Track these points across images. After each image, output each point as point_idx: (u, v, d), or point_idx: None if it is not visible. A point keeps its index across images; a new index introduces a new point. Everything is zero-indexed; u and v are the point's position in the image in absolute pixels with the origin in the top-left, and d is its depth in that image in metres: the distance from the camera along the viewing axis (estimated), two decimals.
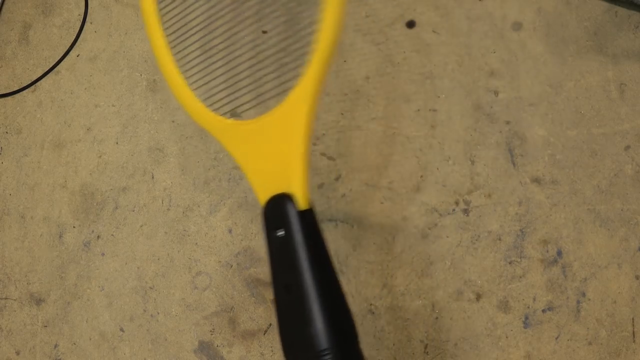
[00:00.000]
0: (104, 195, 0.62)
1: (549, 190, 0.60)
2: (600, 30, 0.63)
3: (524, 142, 0.61)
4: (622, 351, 0.57)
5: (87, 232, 0.61)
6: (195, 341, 0.59)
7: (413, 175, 0.61)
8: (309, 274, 0.39)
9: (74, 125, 0.64)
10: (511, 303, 0.58)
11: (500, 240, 0.60)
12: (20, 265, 0.61)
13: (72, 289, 0.61)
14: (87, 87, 0.64)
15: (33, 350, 0.60)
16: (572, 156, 0.61)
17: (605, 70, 0.62)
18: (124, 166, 0.63)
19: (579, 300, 0.58)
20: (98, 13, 0.66)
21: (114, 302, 0.60)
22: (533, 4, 0.63)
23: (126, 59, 0.65)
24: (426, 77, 0.63)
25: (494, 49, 0.63)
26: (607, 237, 0.59)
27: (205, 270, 0.60)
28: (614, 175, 0.60)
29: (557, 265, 0.59)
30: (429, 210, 0.60)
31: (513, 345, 0.58)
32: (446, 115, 0.62)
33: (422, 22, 0.64)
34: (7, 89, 0.65)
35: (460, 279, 0.59)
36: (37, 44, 0.65)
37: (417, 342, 0.58)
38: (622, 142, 0.61)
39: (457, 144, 0.61)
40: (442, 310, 0.59)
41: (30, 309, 0.60)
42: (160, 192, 0.62)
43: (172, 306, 0.60)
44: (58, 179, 0.63)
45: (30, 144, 0.63)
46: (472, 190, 0.61)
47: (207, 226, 0.61)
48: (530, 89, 0.62)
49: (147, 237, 0.61)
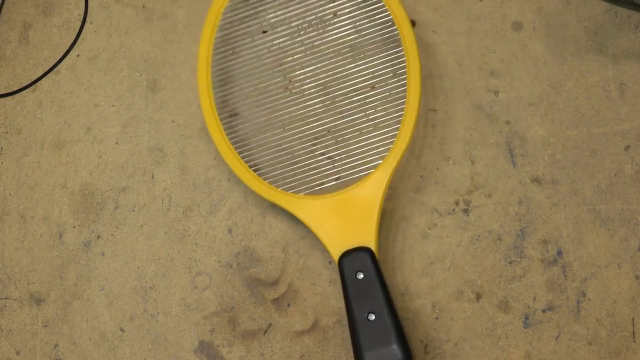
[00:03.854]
0: (104, 195, 0.62)
1: (549, 190, 0.60)
2: (600, 30, 0.63)
3: (524, 142, 0.61)
4: (622, 351, 0.57)
5: (87, 232, 0.61)
6: (195, 341, 0.59)
7: (413, 175, 0.61)
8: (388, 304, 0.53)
9: (74, 125, 0.64)
10: (511, 303, 0.58)
11: (500, 240, 0.60)
12: (20, 265, 0.61)
13: (72, 289, 0.61)
14: (87, 87, 0.64)
15: (33, 350, 0.60)
16: (572, 156, 0.61)
17: (605, 70, 0.62)
18: (124, 166, 0.63)
19: (579, 300, 0.58)
20: (98, 13, 0.66)
21: (114, 302, 0.60)
22: (533, 4, 0.63)
23: (126, 59, 0.65)
24: (426, 77, 0.63)
25: (494, 49, 0.63)
26: (607, 237, 0.59)
27: (205, 270, 0.60)
28: (614, 175, 0.60)
29: (557, 265, 0.59)
30: (429, 210, 0.60)
31: (513, 345, 0.58)
32: (446, 115, 0.62)
33: (422, 22, 0.64)
34: (7, 89, 0.65)
35: (460, 279, 0.59)
36: (37, 44, 0.65)
37: (417, 342, 0.58)
38: (622, 142, 0.61)
39: (457, 144, 0.61)
40: (442, 310, 0.59)
41: (30, 309, 0.60)
42: (160, 192, 0.62)
43: (172, 306, 0.60)
44: (58, 179, 0.63)
45: (30, 144, 0.63)
46: (472, 190, 0.61)
47: (207, 226, 0.61)
48: (530, 89, 0.62)
49: (147, 237, 0.61)
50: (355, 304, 0.53)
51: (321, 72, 0.59)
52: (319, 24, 0.60)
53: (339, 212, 0.56)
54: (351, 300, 0.53)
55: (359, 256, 0.54)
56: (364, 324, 0.53)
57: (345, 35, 0.60)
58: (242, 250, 0.61)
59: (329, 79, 0.59)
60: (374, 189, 0.56)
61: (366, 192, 0.56)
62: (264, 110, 0.60)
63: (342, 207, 0.55)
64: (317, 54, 0.60)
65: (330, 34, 0.60)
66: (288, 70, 0.61)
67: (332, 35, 0.60)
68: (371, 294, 0.53)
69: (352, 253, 0.55)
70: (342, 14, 0.61)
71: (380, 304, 0.53)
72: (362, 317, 0.53)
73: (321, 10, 0.61)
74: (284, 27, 0.61)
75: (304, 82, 0.60)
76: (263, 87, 0.60)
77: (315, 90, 0.60)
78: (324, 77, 0.59)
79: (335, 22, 0.60)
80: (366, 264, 0.54)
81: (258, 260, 0.60)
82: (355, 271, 0.54)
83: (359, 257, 0.54)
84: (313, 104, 0.59)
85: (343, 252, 0.55)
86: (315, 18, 0.60)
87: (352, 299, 0.53)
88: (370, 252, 0.55)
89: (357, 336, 0.53)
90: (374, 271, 0.54)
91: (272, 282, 0.60)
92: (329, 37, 0.60)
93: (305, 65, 0.60)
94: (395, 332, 0.52)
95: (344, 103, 0.59)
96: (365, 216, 0.55)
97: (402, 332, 0.53)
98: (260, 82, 0.61)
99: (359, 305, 0.53)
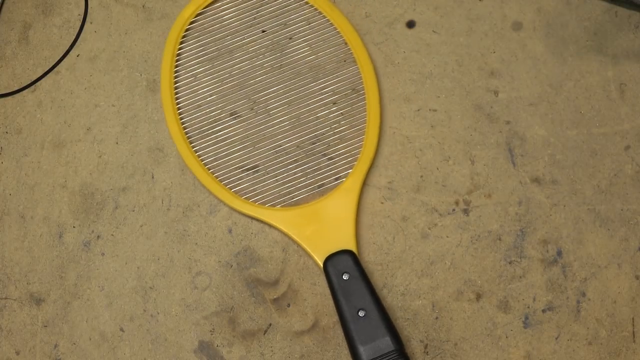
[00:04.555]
0: (103, 195, 0.62)
1: (549, 190, 0.60)
2: (600, 30, 0.63)
3: (524, 142, 0.61)
4: (622, 351, 0.57)
5: (87, 232, 0.61)
6: (195, 341, 0.59)
7: (413, 175, 0.61)
8: (375, 299, 0.56)
9: (74, 125, 0.64)
10: (511, 303, 0.58)
11: (500, 240, 0.60)
12: (20, 265, 0.61)
13: (72, 289, 0.61)
14: (87, 87, 0.64)
15: (33, 350, 0.60)
16: (572, 156, 0.61)
17: (605, 70, 0.62)
18: (124, 166, 0.63)
19: (579, 300, 0.58)
20: (98, 13, 0.66)
21: (114, 302, 0.60)
22: (533, 4, 0.63)
23: (126, 59, 0.65)
24: (426, 77, 0.63)
25: (494, 49, 0.63)
26: (607, 237, 0.59)
27: (205, 270, 0.60)
28: (614, 175, 0.60)
29: (557, 265, 0.59)
30: (429, 210, 0.60)
31: (513, 345, 0.58)
32: (446, 115, 0.62)
33: (422, 22, 0.64)
34: (7, 89, 0.65)
35: (460, 279, 0.59)
36: (37, 44, 0.65)
37: (417, 342, 0.58)
38: (622, 142, 0.61)
39: (457, 144, 0.61)
40: (442, 310, 0.59)
41: (30, 309, 0.60)
42: (160, 192, 0.62)
43: (172, 306, 0.60)
44: (58, 179, 0.63)
45: (30, 144, 0.63)
46: (472, 190, 0.61)
47: (207, 226, 0.61)
48: (530, 89, 0.62)
49: (147, 237, 0.61)
50: (345, 303, 0.56)
51: (284, 92, 0.62)
52: (276, 47, 0.63)
53: (317, 220, 0.59)
54: (340, 300, 0.56)
55: (342, 259, 0.58)
56: (356, 320, 0.56)
57: (303, 57, 0.63)
58: (242, 250, 0.61)
59: (292, 97, 0.62)
60: (348, 195, 0.59)
61: (340, 200, 0.59)
62: (233, 131, 0.62)
63: (319, 215, 0.59)
64: (278, 75, 0.63)
65: (288, 56, 0.63)
66: (251, 92, 0.62)
67: (291, 58, 0.63)
68: (358, 292, 0.56)
69: (335, 257, 0.58)
70: (297, 37, 0.63)
71: (368, 301, 0.56)
72: (353, 315, 0.56)
73: (277, 35, 0.63)
74: (242, 52, 0.63)
75: (269, 102, 0.62)
76: (229, 109, 0.62)
77: (280, 109, 0.62)
78: (287, 96, 0.62)
79: (291, 45, 0.63)
80: (350, 265, 0.57)
81: (258, 260, 0.60)
82: (341, 273, 0.57)
83: (342, 260, 0.57)
84: (280, 121, 0.62)
85: (327, 257, 0.58)
86: (271, 43, 0.63)
87: (341, 299, 0.56)
88: (352, 254, 0.58)
89: (350, 333, 0.56)
90: (358, 271, 0.57)
91: (272, 282, 0.60)
92: (288, 59, 0.63)
93: (268, 87, 0.63)
94: (386, 324, 0.55)
95: (310, 119, 0.62)
96: (343, 221, 0.59)
97: (392, 323, 0.56)
98: (226, 105, 0.62)
99: (348, 304, 0.56)
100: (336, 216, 0.59)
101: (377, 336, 0.55)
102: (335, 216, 0.59)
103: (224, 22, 0.64)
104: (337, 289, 0.57)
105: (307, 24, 0.63)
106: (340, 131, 0.61)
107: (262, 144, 0.62)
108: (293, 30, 0.63)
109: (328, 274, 0.57)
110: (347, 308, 0.56)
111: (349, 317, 0.56)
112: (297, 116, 0.62)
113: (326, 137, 0.61)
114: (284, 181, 0.61)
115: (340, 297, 0.56)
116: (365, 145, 0.60)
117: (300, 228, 0.59)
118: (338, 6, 0.64)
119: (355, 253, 0.58)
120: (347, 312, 0.56)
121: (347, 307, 0.56)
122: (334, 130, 0.61)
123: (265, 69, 0.63)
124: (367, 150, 0.60)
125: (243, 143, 0.62)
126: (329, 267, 0.57)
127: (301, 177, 0.61)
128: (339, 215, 0.59)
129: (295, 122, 0.62)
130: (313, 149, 0.61)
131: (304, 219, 0.59)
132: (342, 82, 0.62)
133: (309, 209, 0.59)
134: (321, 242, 0.58)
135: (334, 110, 0.62)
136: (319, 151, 0.61)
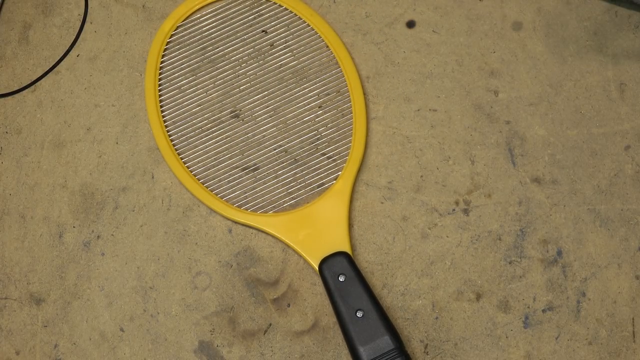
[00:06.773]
0: (103, 195, 0.62)
1: (549, 190, 0.60)
2: (600, 30, 0.63)
3: (524, 142, 0.61)
4: (622, 351, 0.57)
5: (87, 232, 0.61)
6: (195, 341, 0.59)
7: (413, 175, 0.61)
8: (373, 299, 0.56)
9: (74, 125, 0.64)
10: (511, 303, 0.58)
11: (500, 240, 0.60)
12: (20, 265, 0.61)
13: (72, 289, 0.61)
14: (87, 87, 0.64)
15: (33, 350, 0.60)
16: (572, 156, 0.61)
17: (605, 70, 0.62)
18: (124, 166, 0.63)
19: (579, 300, 0.58)
20: (98, 13, 0.66)
21: (114, 302, 0.60)
22: (533, 4, 0.63)
23: (126, 59, 0.65)
24: (426, 77, 0.63)
25: (494, 49, 0.63)
26: (607, 237, 0.59)
27: (205, 270, 0.60)
28: (614, 175, 0.60)
29: (557, 265, 0.59)
30: (429, 210, 0.60)
31: (513, 345, 0.58)
32: (446, 115, 0.62)
33: (422, 22, 0.64)
34: (7, 89, 0.65)
35: (460, 279, 0.59)
36: (37, 44, 0.66)
37: (417, 342, 0.58)
38: (622, 142, 0.61)
39: (457, 144, 0.61)
40: (442, 310, 0.59)
41: (30, 309, 0.60)
42: (160, 192, 0.62)
43: (172, 306, 0.60)
44: (58, 179, 0.63)
45: (30, 144, 0.63)
46: (472, 190, 0.61)
47: (207, 226, 0.61)
48: (530, 89, 0.62)
49: (147, 237, 0.61)
50: (343, 305, 0.56)
51: (269, 98, 0.63)
52: (258, 55, 0.63)
53: (310, 223, 0.59)
54: (338, 302, 0.56)
55: (337, 261, 0.58)
56: (354, 321, 0.56)
57: (286, 63, 0.63)
58: (242, 250, 0.61)
59: (277, 104, 0.62)
60: (339, 197, 0.60)
61: (332, 202, 0.60)
62: (220, 140, 0.62)
63: (312, 219, 0.59)
64: (262, 82, 0.63)
65: (270, 63, 0.63)
66: (237, 101, 0.63)
67: (273, 64, 0.63)
68: (355, 293, 0.56)
69: (329, 259, 0.58)
70: (278, 44, 0.63)
71: (366, 301, 0.56)
72: (351, 316, 0.56)
73: (258, 43, 0.64)
74: (225, 61, 0.63)
75: (254, 109, 0.62)
76: (215, 119, 0.62)
77: (266, 115, 0.62)
78: (273, 102, 0.62)
79: (273, 52, 0.63)
80: (345, 266, 0.57)
81: (258, 260, 0.60)
82: (337, 275, 0.57)
83: (337, 262, 0.57)
84: (267, 128, 0.62)
85: (321, 260, 0.58)
86: (253, 51, 0.63)
87: (339, 301, 0.56)
88: (347, 255, 0.58)
89: (349, 334, 0.56)
90: (354, 272, 0.57)
91: (272, 282, 0.60)
92: (270, 66, 0.63)
93: (253, 95, 0.63)
94: (385, 324, 0.55)
95: (297, 124, 0.62)
96: (336, 223, 0.59)
97: (390, 322, 0.56)
98: (212, 115, 0.63)
99: (346, 305, 0.56)
100: (329, 219, 0.59)
101: (376, 336, 0.55)
102: (327, 219, 0.59)
103: (204, 34, 0.64)
104: (334, 291, 0.57)
105: (287, 30, 0.64)
106: (328, 134, 0.62)
107: (250, 151, 0.62)
108: (273, 37, 0.63)
109: (324, 277, 0.57)
110: (344, 309, 0.56)
111: (347, 319, 0.56)
112: (283, 122, 0.62)
113: (314, 141, 0.62)
114: (275, 187, 0.61)
115: (338, 299, 0.56)
116: (353, 146, 0.61)
117: (293, 232, 0.59)
118: (338, 7, 0.64)
119: (350, 254, 0.58)
120: (345, 313, 0.56)
121: (345, 308, 0.56)
122: (322, 134, 0.62)
123: (249, 77, 0.63)
124: (356, 151, 0.61)
125: (232, 151, 0.62)
126: (324, 269, 0.57)
127: (291, 182, 0.61)
128: (331, 218, 0.59)
129: (282, 128, 0.62)
130: (302, 154, 0.61)
131: (296, 223, 0.59)
132: (326, 85, 0.63)
133: (300, 213, 0.59)
134: (315, 246, 0.58)
135: (320, 114, 0.62)
136: (307, 155, 0.61)
